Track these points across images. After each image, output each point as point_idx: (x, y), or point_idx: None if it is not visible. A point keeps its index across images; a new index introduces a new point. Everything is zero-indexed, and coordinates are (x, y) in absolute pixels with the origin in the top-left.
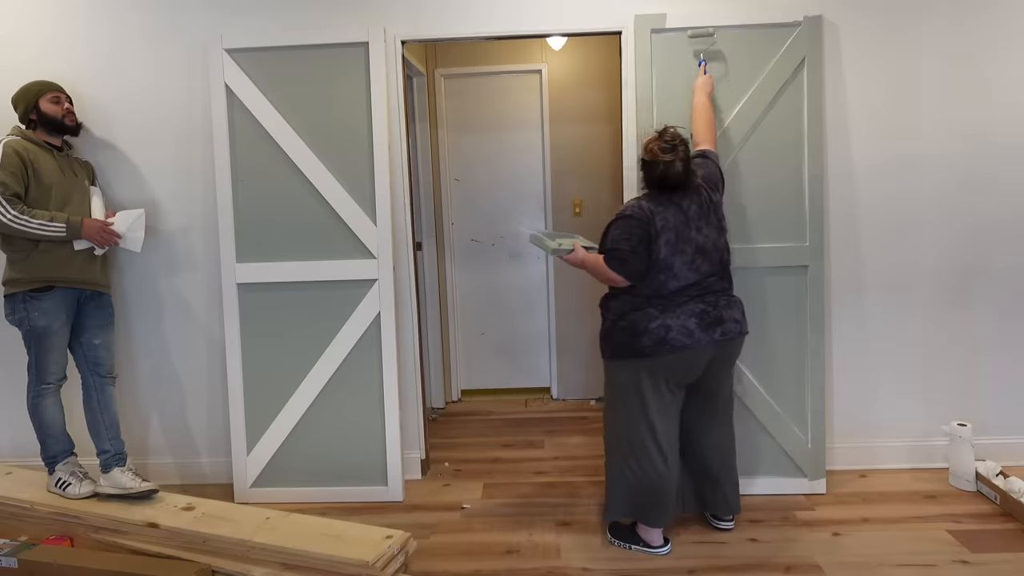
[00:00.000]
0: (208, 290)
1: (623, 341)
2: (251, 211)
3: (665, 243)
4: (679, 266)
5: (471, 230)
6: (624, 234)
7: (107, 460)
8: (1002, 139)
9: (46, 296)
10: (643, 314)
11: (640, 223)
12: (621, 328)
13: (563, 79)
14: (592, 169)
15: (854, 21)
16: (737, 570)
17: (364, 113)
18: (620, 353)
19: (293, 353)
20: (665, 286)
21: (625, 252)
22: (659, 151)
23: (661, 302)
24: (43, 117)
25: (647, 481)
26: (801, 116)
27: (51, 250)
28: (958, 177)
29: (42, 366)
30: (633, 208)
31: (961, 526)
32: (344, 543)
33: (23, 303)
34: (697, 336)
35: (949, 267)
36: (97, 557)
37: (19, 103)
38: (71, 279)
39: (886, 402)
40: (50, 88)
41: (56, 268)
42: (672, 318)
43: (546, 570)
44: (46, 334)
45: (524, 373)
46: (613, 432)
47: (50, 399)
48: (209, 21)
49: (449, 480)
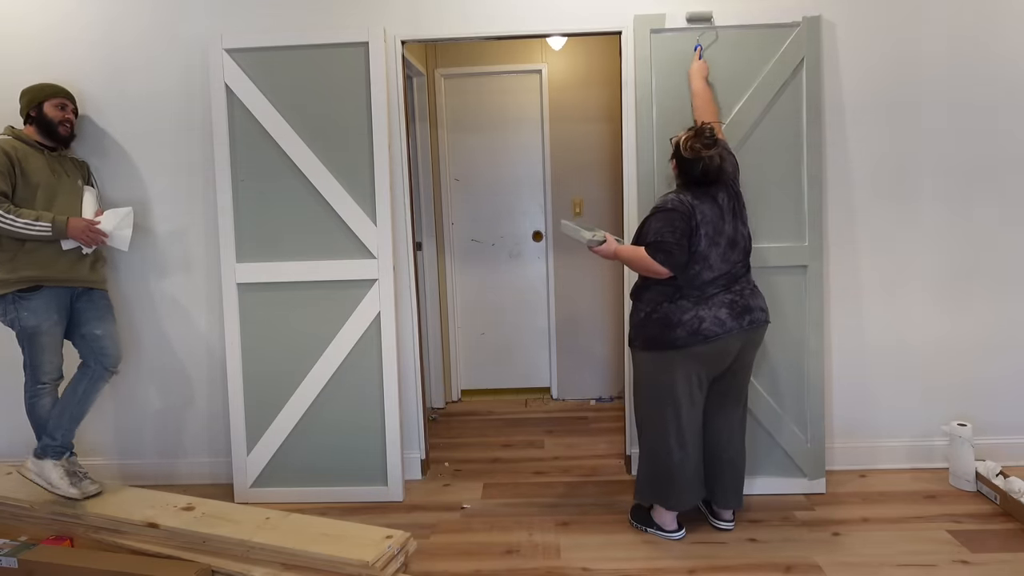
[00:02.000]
0: (208, 290)
1: (655, 334)
2: (251, 211)
3: (704, 235)
4: (714, 258)
5: (471, 230)
6: (668, 226)
7: (47, 448)
8: (1003, 138)
9: (34, 296)
10: (676, 306)
11: (683, 216)
12: (655, 321)
13: (563, 79)
14: (592, 169)
15: (853, 21)
16: (737, 570)
17: (364, 113)
18: (653, 345)
19: (293, 353)
20: (699, 276)
21: (671, 244)
22: (701, 147)
23: (694, 293)
24: (41, 118)
25: (667, 467)
26: (800, 116)
27: (37, 249)
28: (958, 177)
29: (36, 365)
30: (674, 201)
31: (961, 526)
32: (344, 543)
33: (12, 303)
34: (729, 325)
35: (949, 267)
36: (97, 557)
37: (24, 97)
38: (58, 278)
39: (886, 402)
40: (61, 94)
41: (43, 267)
42: (704, 309)
43: (546, 570)
44: (37, 334)
45: (524, 373)
46: (642, 419)
47: (47, 399)
48: (209, 21)
49: (449, 480)
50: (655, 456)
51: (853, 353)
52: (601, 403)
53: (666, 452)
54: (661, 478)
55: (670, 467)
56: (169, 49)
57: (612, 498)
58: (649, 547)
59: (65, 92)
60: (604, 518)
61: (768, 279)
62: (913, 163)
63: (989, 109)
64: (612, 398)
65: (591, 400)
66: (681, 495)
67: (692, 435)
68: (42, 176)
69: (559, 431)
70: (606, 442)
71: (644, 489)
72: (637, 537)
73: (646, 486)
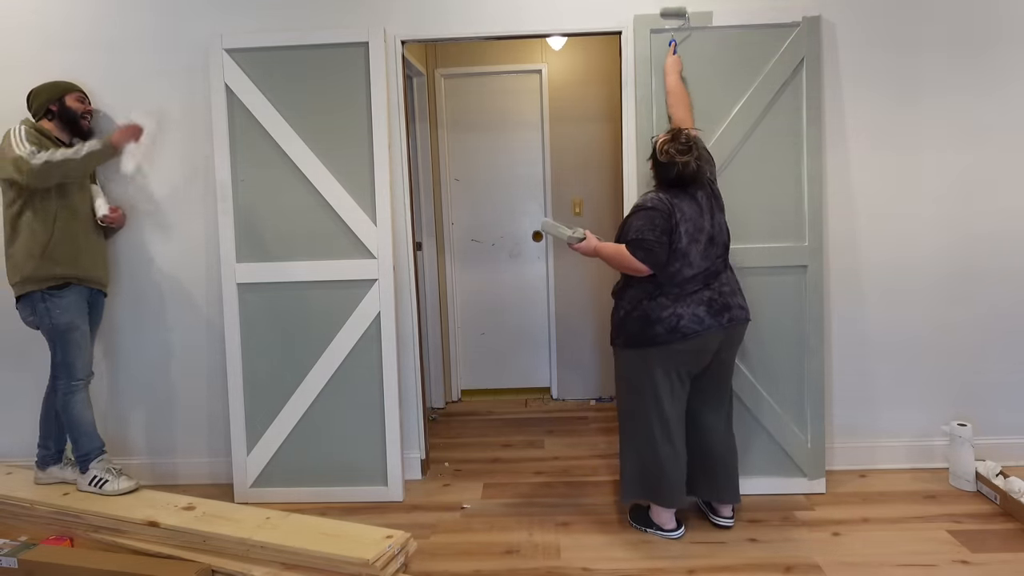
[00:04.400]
0: (208, 290)
1: (636, 331)
2: (251, 211)
3: (684, 233)
4: (694, 255)
5: (471, 230)
6: (648, 225)
7: (45, 456)
8: (1004, 138)
9: (66, 293)
10: (656, 304)
11: (663, 215)
12: (634, 319)
13: (563, 79)
14: (592, 169)
15: (853, 21)
16: (737, 570)
17: (364, 113)
18: (633, 343)
19: (293, 353)
20: (680, 274)
21: (651, 242)
22: (676, 153)
23: (674, 291)
24: (64, 112)
25: (656, 464)
26: (800, 116)
27: (63, 245)
28: (958, 177)
29: (70, 363)
30: (654, 200)
31: (961, 526)
32: (344, 543)
33: (42, 302)
34: (707, 323)
35: (949, 267)
36: (97, 557)
37: (42, 93)
38: (82, 276)
39: (886, 402)
40: (78, 88)
41: (71, 265)
42: (683, 307)
43: (546, 570)
44: (71, 330)
45: (524, 373)
46: (625, 418)
47: (80, 395)
48: (209, 21)
49: (449, 480)
50: (640, 453)
51: (853, 353)
52: (601, 403)
53: (652, 448)
54: (650, 475)
55: (659, 462)
56: (169, 49)
57: (612, 498)
58: (649, 547)
59: (80, 88)
60: (604, 518)
61: (768, 279)
62: (915, 162)
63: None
64: (612, 398)
65: (591, 400)
66: (673, 490)
67: (677, 430)
68: None
69: (559, 431)
70: (606, 442)
71: (632, 487)
72: (637, 537)
73: (635, 484)
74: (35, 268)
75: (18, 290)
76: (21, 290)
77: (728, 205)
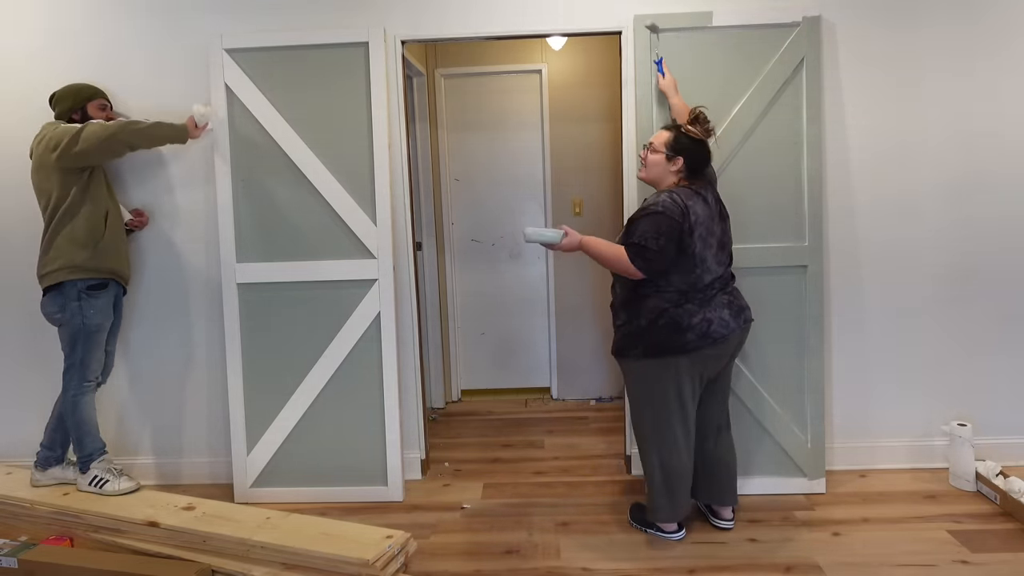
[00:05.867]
0: (208, 290)
1: (663, 339)
2: (251, 211)
3: (698, 238)
4: (710, 260)
5: (471, 230)
6: (653, 231)
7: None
8: (1003, 138)
9: (102, 294)
10: (683, 311)
11: (673, 220)
12: (662, 326)
13: (563, 79)
14: (592, 169)
15: (853, 21)
16: (737, 570)
17: (364, 113)
18: (659, 351)
19: (293, 353)
20: (701, 280)
21: (652, 252)
22: (712, 129)
23: (698, 296)
24: (86, 120)
25: (683, 473)
26: (800, 116)
27: (114, 237)
28: (958, 176)
29: (87, 363)
30: (667, 204)
31: (961, 526)
32: (344, 543)
33: (77, 300)
34: (732, 325)
35: (949, 267)
36: (97, 557)
37: (66, 99)
38: (124, 274)
39: (886, 402)
40: (101, 95)
41: (117, 261)
42: (711, 311)
43: (546, 570)
44: (99, 331)
45: (524, 373)
46: (646, 430)
47: (89, 396)
48: (209, 21)
49: (449, 480)
50: (666, 464)
51: (853, 353)
52: (601, 403)
53: (678, 457)
54: (677, 489)
55: (682, 474)
56: (169, 49)
57: (612, 498)
58: (649, 547)
59: (103, 93)
60: (604, 518)
61: (768, 279)
62: (914, 163)
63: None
64: (612, 398)
65: (591, 400)
66: (687, 500)
67: (692, 437)
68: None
69: (559, 431)
70: (606, 442)
71: (664, 505)
72: (637, 537)
73: (665, 502)
74: (86, 258)
75: (54, 278)
76: (58, 279)
77: (728, 205)
